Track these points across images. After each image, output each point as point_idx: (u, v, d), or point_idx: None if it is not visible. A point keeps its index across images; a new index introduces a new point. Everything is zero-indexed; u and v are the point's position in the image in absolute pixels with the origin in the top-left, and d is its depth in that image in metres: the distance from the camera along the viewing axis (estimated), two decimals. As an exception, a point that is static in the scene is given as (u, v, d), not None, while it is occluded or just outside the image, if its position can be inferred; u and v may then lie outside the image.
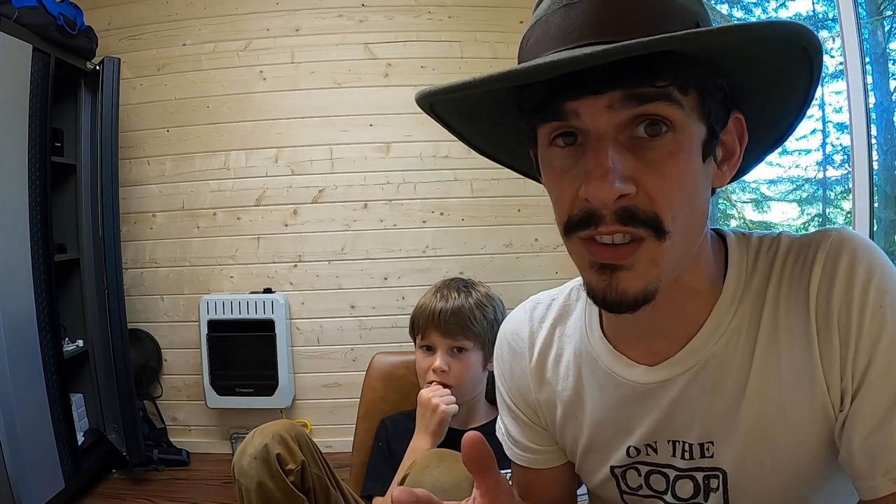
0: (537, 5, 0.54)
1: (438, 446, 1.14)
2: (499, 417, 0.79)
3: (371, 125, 2.74)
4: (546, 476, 0.75)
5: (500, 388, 0.76)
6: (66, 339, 2.40)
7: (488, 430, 1.24)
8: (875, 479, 0.50)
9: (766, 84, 0.52)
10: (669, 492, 0.63)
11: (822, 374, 0.53)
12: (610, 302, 0.51)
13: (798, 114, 0.55)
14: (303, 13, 2.72)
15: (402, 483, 0.92)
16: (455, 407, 1.17)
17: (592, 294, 0.52)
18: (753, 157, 0.61)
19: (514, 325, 0.75)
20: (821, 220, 2.60)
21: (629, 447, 0.64)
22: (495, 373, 0.77)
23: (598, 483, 0.69)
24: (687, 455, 0.60)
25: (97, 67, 2.38)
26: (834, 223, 2.53)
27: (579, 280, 0.63)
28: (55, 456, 2.10)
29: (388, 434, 1.30)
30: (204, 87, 2.72)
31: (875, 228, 1.75)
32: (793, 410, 0.55)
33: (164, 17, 2.72)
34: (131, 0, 2.71)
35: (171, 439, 2.76)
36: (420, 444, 1.15)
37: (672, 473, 0.62)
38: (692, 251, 0.54)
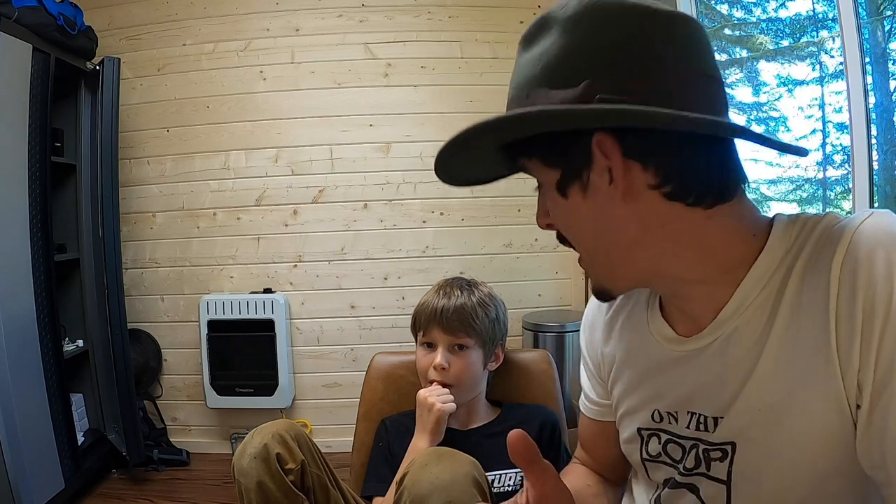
0: None
1: (438, 446, 1.14)
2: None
3: (371, 125, 2.74)
4: (609, 430, 0.80)
5: (582, 340, 0.85)
6: (66, 339, 2.40)
7: (489, 430, 1.25)
8: None
9: None
10: (685, 460, 0.64)
11: (837, 359, 0.50)
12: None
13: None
14: (303, 13, 2.72)
15: (400, 482, 0.91)
16: (452, 406, 1.17)
17: None
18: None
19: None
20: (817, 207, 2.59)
21: (655, 410, 0.68)
22: (581, 332, 0.85)
23: (627, 439, 0.73)
24: (702, 427, 0.62)
25: (97, 67, 2.38)
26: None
27: None
28: (55, 456, 2.10)
29: (388, 434, 1.29)
30: (204, 87, 2.73)
31: (875, 228, 1.75)
32: (802, 395, 0.52)
33: (164, 17, 2.72)
34: (131, 0, 2.71)
35: (171, 439, 2.76)
36: (419, 444, 1.15)
37: (688, 444, 0.64)
38: (619, 259, 0.60)
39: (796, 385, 0.53)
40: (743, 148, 0.62)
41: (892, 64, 2.00)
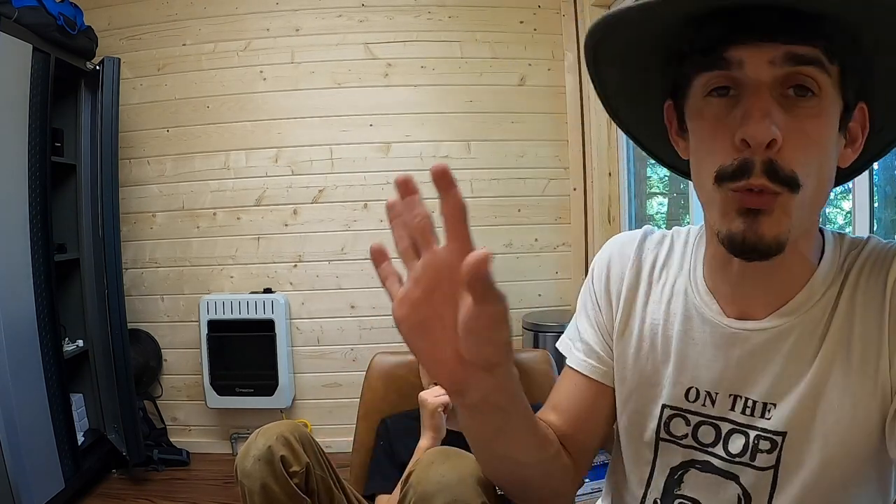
0: None
1: (441, 445, 1.14)
2: (571, 322, 0.79)
3: (371, 125, 2.73)
4: (604, 396, 0.73)
5: (589, 288, 0.77)
6: (66, 339, 2.39)
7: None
8: None
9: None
10: (720, 445, 0.63)
11: (888, 351, 0.55)
12: (749, 244, 0.54)
13: None
14: (303, 13, 2.72)
15: (406, 480, 0.91)
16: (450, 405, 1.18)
17: (731, 238, 0.55)
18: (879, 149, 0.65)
19: (626, 237, 0.78)
20: (820, 219, 2.61)
21: (692, 388, 0.65)
22: (589, 276, 0.77)
23: (640, 413, 0.69)
24: (748, 411, 0.61)
25: (97, 67, 2.38)
26: (833, 223, 2.54)
27: (687, 229, 0.73)
28: (55, 456, 2.10)
29: (388, 434, 1.30)
30: (204, 87, 2.72)
31: (875, 228, 1.75)
32: (854, 391, 0.57)
33: (164, 17, 2.72)
34: (131, 0, 2.71)
35: (171, 439, 2.76)
36: (422, 444, 1.16)
37: (726, 427, 0.63)
38: (816, 214, 0.58)
39: (848, 383, 0.57)
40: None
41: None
